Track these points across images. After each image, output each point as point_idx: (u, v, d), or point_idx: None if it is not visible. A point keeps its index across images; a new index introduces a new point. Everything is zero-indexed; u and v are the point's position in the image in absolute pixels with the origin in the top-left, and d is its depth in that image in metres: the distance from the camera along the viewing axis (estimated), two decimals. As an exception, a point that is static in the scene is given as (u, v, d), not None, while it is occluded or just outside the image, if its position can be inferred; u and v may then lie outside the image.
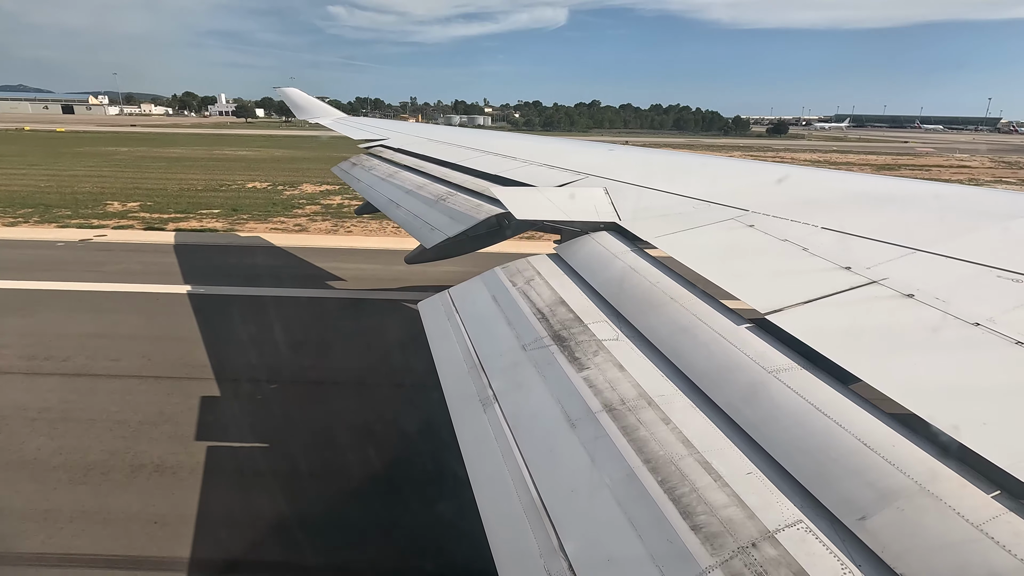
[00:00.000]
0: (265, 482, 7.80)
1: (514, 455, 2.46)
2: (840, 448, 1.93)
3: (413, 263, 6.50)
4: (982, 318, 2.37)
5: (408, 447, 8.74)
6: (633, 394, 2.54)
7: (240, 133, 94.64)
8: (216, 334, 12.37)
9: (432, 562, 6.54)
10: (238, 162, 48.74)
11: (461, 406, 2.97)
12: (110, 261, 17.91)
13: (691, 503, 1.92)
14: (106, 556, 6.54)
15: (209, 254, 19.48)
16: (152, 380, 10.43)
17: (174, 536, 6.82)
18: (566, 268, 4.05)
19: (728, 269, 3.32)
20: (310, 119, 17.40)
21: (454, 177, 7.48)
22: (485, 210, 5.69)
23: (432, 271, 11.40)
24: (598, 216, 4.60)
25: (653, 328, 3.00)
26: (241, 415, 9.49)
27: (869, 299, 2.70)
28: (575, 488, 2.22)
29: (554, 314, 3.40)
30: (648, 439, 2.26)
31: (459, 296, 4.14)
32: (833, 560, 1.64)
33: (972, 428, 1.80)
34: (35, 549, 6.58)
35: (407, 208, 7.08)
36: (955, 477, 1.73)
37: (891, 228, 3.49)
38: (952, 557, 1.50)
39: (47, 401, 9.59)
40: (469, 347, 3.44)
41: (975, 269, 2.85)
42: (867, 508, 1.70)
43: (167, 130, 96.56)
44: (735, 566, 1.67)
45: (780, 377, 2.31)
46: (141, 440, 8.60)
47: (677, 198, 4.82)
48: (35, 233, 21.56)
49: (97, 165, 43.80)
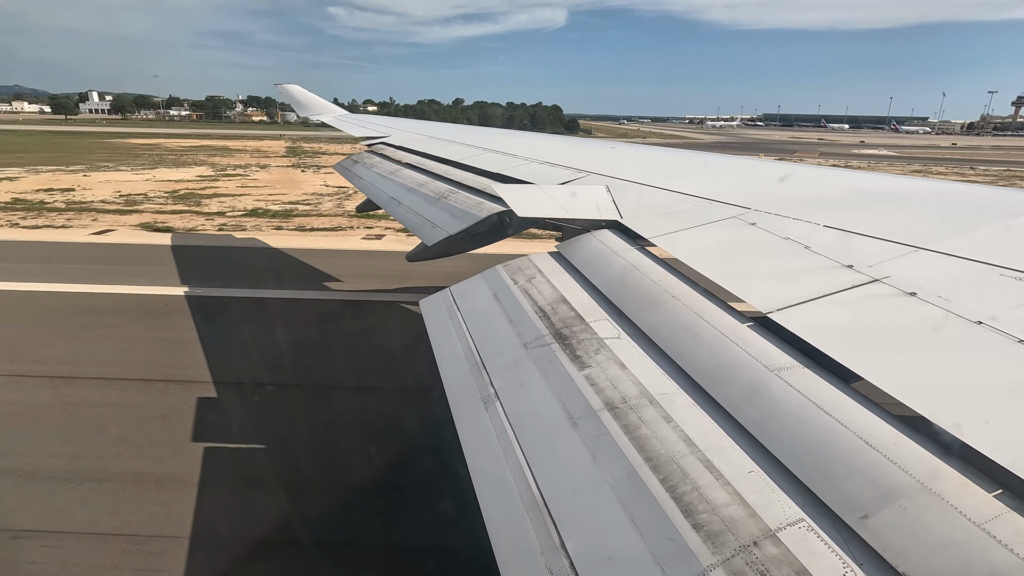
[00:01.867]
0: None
1: (515, 453, 2.46)
2: (842, 446, 1.92)
3: (414, 261, 6.50)
4: (984, 316, 2.36)
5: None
6: (634, 392, 2.54)
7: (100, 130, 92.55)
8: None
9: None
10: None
11: (462, 404, 2.97)
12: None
13: (692, 501, 1.92)
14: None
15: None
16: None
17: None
18: (567, 266, 4.05)
19: (730, 267, 3.31)
20: (312, 116, 17.40)
21: (455, 175, 7.48)
22: (487, 208, 5.68)
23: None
24: (600, 214, 4.59)
25: (655, 326, 2.99)
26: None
27: (871, 297, 2.69)
28: (576, 486, 2.22)
29: (555, 312, 3.40)
30: (649, 437, 2.26)
31: (460, 294, 4.14)
32: (835, 559, 1.64)
33: (974, 426, 1.80)
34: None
35: (408, 206, 7.08)
36: (957, 476, 1.73)
37: (893, 226, 3.48)
38: (954, 556, 1.50)
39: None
40: (471, 345, 3.44)
41: (977, 267, 2.84)
42: (869, 507, 1.70)
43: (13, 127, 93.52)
44: (736, 564, 1.67)
45: (782, 375, 2.31)
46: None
47: (679, 196, 4.81)
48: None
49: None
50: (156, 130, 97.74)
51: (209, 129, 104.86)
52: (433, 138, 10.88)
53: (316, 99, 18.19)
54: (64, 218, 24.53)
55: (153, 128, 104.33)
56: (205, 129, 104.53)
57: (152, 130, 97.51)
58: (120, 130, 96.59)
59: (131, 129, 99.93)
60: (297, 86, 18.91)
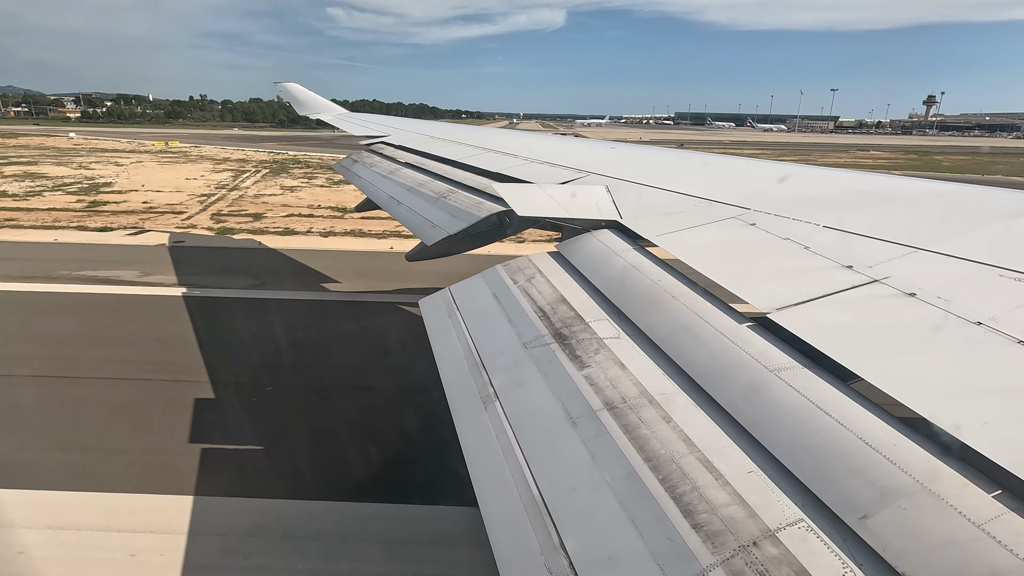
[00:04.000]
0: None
1: (515, 453, 2.46)
2: (841, 447, 1.92)
3: (414, 260, 6.50)
4: (984, 317, 2.36)
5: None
6: (634, 392, 2.54)
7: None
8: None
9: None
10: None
11: (462, 403, 2.97)
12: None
13: (692, 501, 1.92)
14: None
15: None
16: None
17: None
18: (567, 266, 4.05)
19: (730, 267, 3.31)
20: (311, 115, 17.39)
21: (455, 174, 7.47)
22: (486, 207, 5.68)
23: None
24: (599, 214, 4.59)
25: (654, 326, 2.99)
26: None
27: (871, 298, 2.69)
28: (576, 486, 2.22)
29: (555, 312, 3.40)
30: (649, 437, 2.26)
31: (460, 294, 4.14)
32: (834, 559, 1.64)
33: (973, 427, 1.80)
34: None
35: (408, 205, 7.07)
36: (956, 476, 1.73)
37: (893, 227, 3.48)
38: (953, 556, 1.50)
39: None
40: (470, 344, 3.44)
41: (977, 268, 2.84)
42: (868, 507, 1.70)
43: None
44: (736, 564, 1.67)
45: (781, 376, 2.31)
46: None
47: (679, 196, 4.81)
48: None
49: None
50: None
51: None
52: (433, 138, 10.87)
53: (316, 98, 18.19)
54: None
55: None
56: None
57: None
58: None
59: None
60: (297, 85, 18.91)
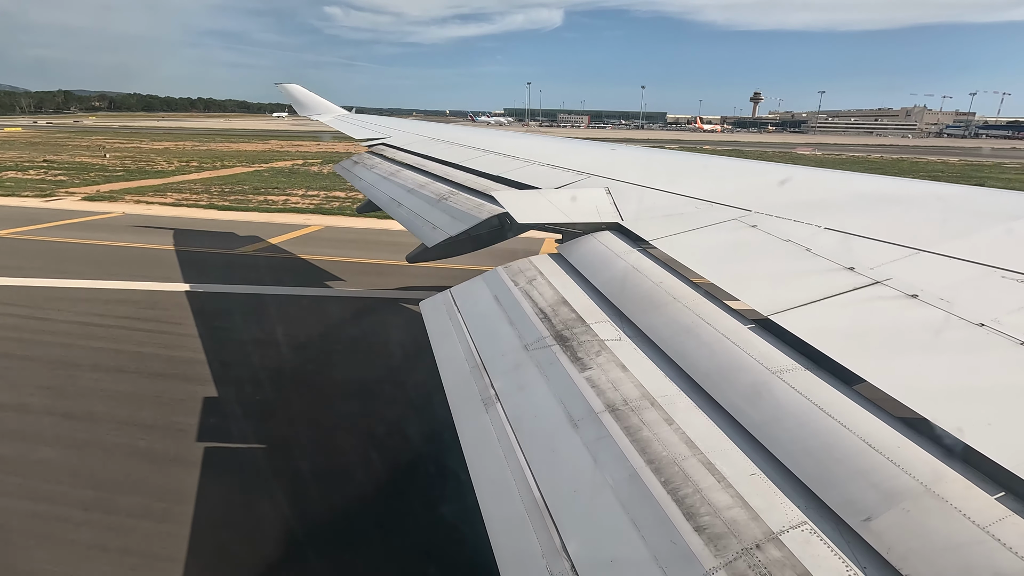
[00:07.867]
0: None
1: (516, 455, 2.46)
2: (844, 449, 1.92)
3: (414, 262, 6.50)
4: (987, 319, 2.36)
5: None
6: (636, 394, 2.54)
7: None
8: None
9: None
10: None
11: (463, 406, 2.96)
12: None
13: (694, 504, 1.91)
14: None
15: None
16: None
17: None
18: (568, 268, 4.05)
19: (731, 269, 3.31)
20: (311, 116, 17.41)
21: (456, 176, 7.48)
22: (487, 210, 5.68)
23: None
24: (600, 217, 4.59)
25: (656, 328, 2.99)
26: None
27: (873, 299, 2.69)
28: (578, 489, 2.21)
29: (556, 314, 3.39)
30: (651, 440, 2.25)
31: (461, 295, 4.14)
32: (838, 561, 1.63)
33: (977, 429, 1.79)
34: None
35: (409, 207, 7.07)
36: (960, 478, 1.72)
37: (895, 228, 3.48)
38: (957, 559, 1.50)
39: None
40: (471, 347, 3.43)
41: (979, 270, 2.84)
42: (872, 509, 1.69)
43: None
44: (739, 567, 1.66)
45: (784, 378, 2.30)
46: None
47: (680, 198, 4.81)
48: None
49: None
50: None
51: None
52: (434, 139, 10.88)
53: (316, 99, 18.21)
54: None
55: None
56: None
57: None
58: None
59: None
60: (298, 86, 18.94)
